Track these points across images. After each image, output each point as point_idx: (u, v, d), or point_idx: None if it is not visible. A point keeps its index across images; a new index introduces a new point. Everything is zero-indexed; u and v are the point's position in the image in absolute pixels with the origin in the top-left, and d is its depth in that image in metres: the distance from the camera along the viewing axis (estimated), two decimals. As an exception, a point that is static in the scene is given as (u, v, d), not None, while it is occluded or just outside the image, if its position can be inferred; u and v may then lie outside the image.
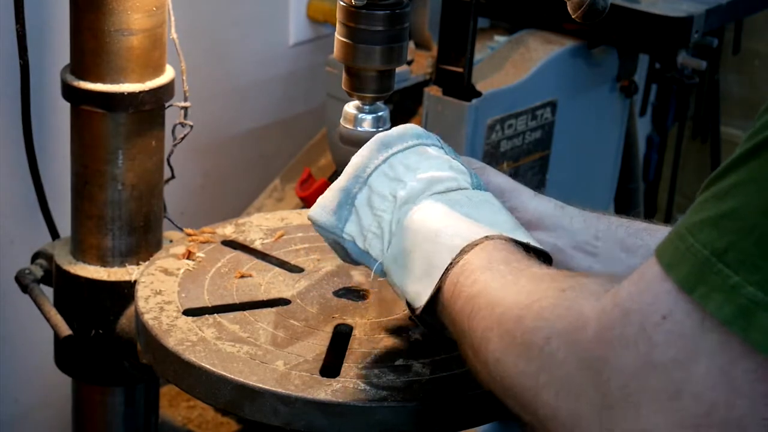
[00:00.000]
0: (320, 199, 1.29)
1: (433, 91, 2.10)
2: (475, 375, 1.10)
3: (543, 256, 1.18)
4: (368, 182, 1.25)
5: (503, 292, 1.06)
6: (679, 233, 0.89)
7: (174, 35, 1.67)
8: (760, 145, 0.86)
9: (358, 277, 1.51)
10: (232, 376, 1.28)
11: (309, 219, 1.30)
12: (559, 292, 0.99)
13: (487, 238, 1.15)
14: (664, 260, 0.89)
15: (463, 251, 1.14)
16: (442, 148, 1.29)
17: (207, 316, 1.40)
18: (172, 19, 1.66)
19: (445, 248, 1.15)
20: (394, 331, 1.40)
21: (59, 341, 1.68)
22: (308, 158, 2.34)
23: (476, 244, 1.14)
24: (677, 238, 0.89)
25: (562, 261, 1.31)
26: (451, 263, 1.14)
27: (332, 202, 1.27)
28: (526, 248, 1.16)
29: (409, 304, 1.21)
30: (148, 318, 1.39)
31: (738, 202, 0.86)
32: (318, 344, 1.36)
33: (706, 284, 0.85)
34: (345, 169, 1.28)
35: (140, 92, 1.62)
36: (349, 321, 1.41)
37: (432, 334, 1.23)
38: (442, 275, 1.14)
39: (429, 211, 1.20)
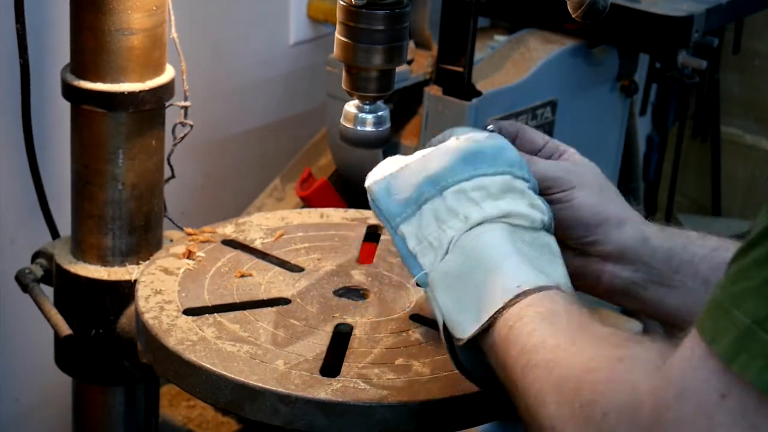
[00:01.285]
0: (389, 177, 1.23)
1: (433, 91, 2.10)
2: (523, 422, 1.09)
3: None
4: (444, 194, 1.20)
5: (561, 352, 1.04)
6: (721, 305, 0.89)
7: (174, 35, 1.67)
8: None
9: (358, 276, 1.51)
10: (233, 376, 1.28)
11: (367, 188, 1.24)
12: (615, 362, 0.98)
13: (544, 288, 1.13)
14: (707, 335, 0.89)
15: (519, 296, 1.12)
16: (530, 181, 1.24)
17: (207, 315, 1.40)
18: (172, 18, 1.66)
19: (501, 288, 1.13)
20: (394, 330, 1.40)
21: (59, 341, 1.68)
22: (308, 158, 2.34)
23: (534, 292, 1.12)
24: (719, 310, 0.89)
25: (634, 292, 1.31)
26: (504, 306, 1.12)
27: (402, 193, 1.22)
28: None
29: (446, 328, 1.18)
30: (148, 317, 1.39)
31: None
32: (318, 344, 1.36)
33: (747, 352, 0.85)
34: (421, 160, 1.23)
35: (140, 92, 1.62)
36: (349, 320, 1.41)
37: (456, 365, 1.21)
38: (495, 314, 1.12)
39: (494, 240, 1.17)
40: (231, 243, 1.58)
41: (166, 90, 1.65)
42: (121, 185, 1.66)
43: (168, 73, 1.66)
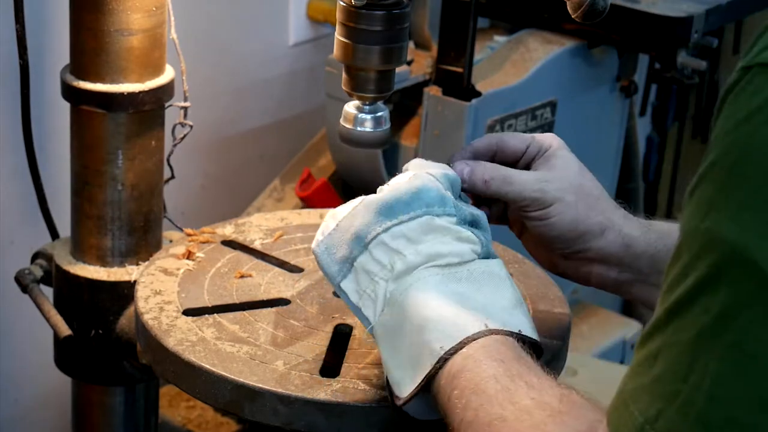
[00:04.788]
0: (327, 238, 1.25)
1: (433, 91, 2.10)
2: None
3: (534, 347, 1.17)
4: (369, 248, 1.21)
5: (492, 428, 1.05)
6: (623, 398, 0.91)
7: (174, 35, 1.67)
8: (676, 306, 0.87)
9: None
10: (232, 376, 1.28)
11: (313, 251, 1.26)
12: None
13: (472, 338, 1.12)
14: (611, 427, 0.92)
15: (447, 355, 1.12)
16: (455, 215, 1.22)
17: (207, 316, 1.40)
18: (172, 19, 1.66)
19: (428, 350, 1.13)
20: (394, 331, 1.40)
21: (59, 341, 1.68)
22: (308, 158, 2.34)
23: (460, 348, 1.12)
24: (621, 403, 0.91)
25: (624, 289, 1.34)
26: (431, 371, 1.12)
27: (337, 253, 1.23)
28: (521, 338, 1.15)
29: (388, 385, 1.19)
30: (148, 318, 1.39)
31: (663, 367, 0.87)
32: (318, 344, 1.36)
33: None
34: (351, 218, 1.24)
35: (140, 92, 1.62)
36: (349, 321, 1.41)
37: (404, 421, 1.21)
38: (424, 380, 1.13)
39: (423, 294, 1.16)
40: (231, 243, 1.58)
41: (166, 90, 1.65)
42: (120, 186, 1.66)
43: (168, 74, 1.66)
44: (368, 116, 1.38)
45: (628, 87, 2.43)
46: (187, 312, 1.41)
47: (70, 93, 1.64)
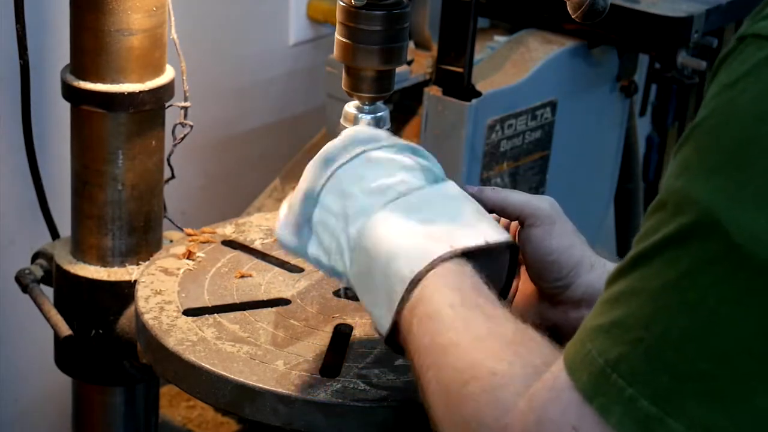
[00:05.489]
0: (283, 219, 1.26)
1: (433, 91, 2.10)
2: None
3: (511, 248, 1.19)
4: (319, 201, 1.22)
5: (446, 356, 1.06)
6: (581, 336, 0.92)
7: (174, 35, 1.67)
8: (644, 253, 0.89)
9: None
10: (232, 376, 1.28)
11: (276, 238, 1.27)
12: (491, 376, 1.00)
13: (440, 259, 1.13)
14: (568, 364, 0.92)
15: (415, 282, 1.12)
16: (393, 146, 1.23)
17: (207, 316, 1.40)
18: (172, 19, 1.66)
19: (399, 278, 1.14)
20: (394, 331, 1.40)
21: (59, 341, 1.68)
22: (308, 158, 2.30)
23: (429, 270, 1.12)
24: (579, 341, 0.92)
25: None
26: (403, 297, 1.13)
27: (293, 224, 1.24)
28: (488, 250, 1.16)
29: (376, 328, 1.20)
30: (148, 318, 1.39)
31: (624, 312, 0.89)
32: (318, 344, 1.36)
33: (604, 395, 0.88)
34: (298, 186, 1.25)
35: (140, 92, 1.62)
36: (349, 321, 1.41)
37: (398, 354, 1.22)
38: (398, 308, 1.13)
39: (382, 229, 1.17)
40: (231, 243, 1.59)
41: (166, 90, 1.65)
42: (120, 185, 1.66)
43: (168, 74, 1.66)
44: (368, 116, 1.39)
45: (628, 87, 2.43)
46: (188, 312, 1.41)
47: (70, 93, 1.64)
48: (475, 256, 1.16)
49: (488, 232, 1.17)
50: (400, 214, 1.17)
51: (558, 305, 1.30)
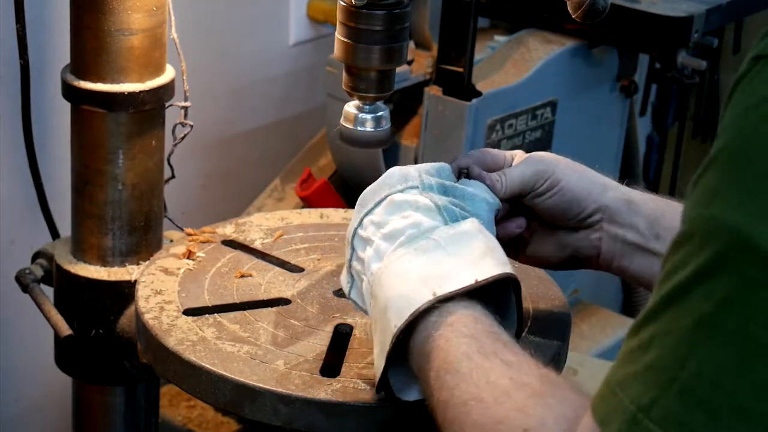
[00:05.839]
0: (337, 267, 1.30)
1: (433, 91, 2.10)
2: None
3: (513, 283, 1.19)
4: (353, 247, 1.25)
5: (471, 414, 1.03)
6: (611, 387, 0.89)
7: (174, 35, 1.67)
8: (673, 294, 0.85)
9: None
10: (233, 376, 1.28)
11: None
12: (522, 419, 0.98)
13: (418, 311, 1.12)
14: (597, 416, 0.89)
15: (399, 335, 1.13)
16: (418, 187, 1.23)
17: (207, 315, 1.40)
18: (172, 19, 1.66)
19: (389, 331, 1.14)
20: (395, 330, 1.40)
21: (59, 341, 1.68)
22: (308, 158, 2.34)
23: (412, 323, 1.12)
24: (609, 392, 0.89)
25: (627, 255, 1.32)
26: (390, 351, 1.13)
27: (345, 268, 1.27)
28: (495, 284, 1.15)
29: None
30: (148, 318, 1.39)
31: (657, 354, 0.85)
32: (318, 344, 1.36)
33: None
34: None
35: (140, 92, 1.62)
36: (349, 321, 1.41)
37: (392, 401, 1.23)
38: (386, 365, 1.15)
39: (388, 276, 1.18)
40: (231, 243, 1.58)
41: (166, 90, 1.65)
42: (121, 185, 1.66)
43: (168, 74, 1.66)
44: (369, 116, 1.38)
45: (628, 87, 2.43)
46: (188, 312, 1.41)
47: (70, 93, 1.64)
48: (481, 293, 1.15)
49: (491, 266, 1.16)
50: (408, 261, 1.17)
51: (578, 230, 1.33)
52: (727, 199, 0.82)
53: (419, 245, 1.18)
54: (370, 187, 1.26)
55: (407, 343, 1.15)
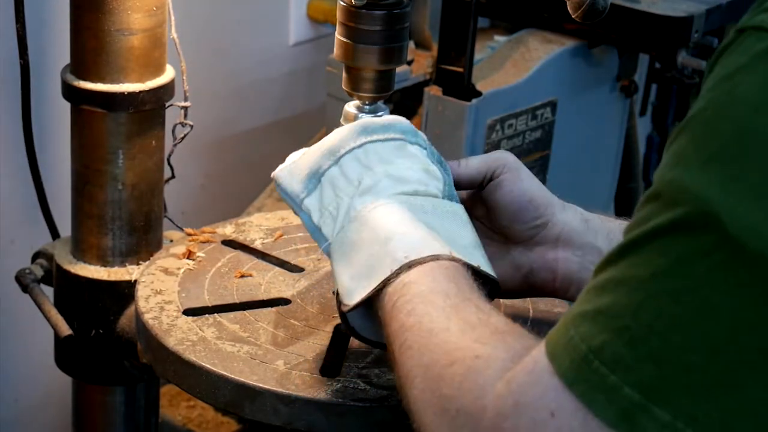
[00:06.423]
0: (292, 164, 1.28)
1: (433, 91, 2.10)
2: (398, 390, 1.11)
3: (491, 284, 1.19)
4: (340, 162, 1.24)
5: (432, 337, 1.05)
6: (566, 324, 0.90)
7: (174, 35, 1.67)
8: (633, 242, 0.88)
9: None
10: (233, 376, 1.28)
11: (273, 177, 1.29)
12: (473, 359, 0.99)
13: (436, 257, 1.14)
14: (549, 349, 0.91)
15: (406, 266, 1.13)
16: (426, 149, 1.27)
17: (207, 315, 1.40)
18: (172, 19, 1.66)
19: (390, 258, 1.14)
20: (395, 330, 1.40)
21: (59, 341, 1.68)
22: (308, 158, 2.34)
23: (422, 263, 1.13)
24: (563, 328, 0.90)
25: (587, 279, 1.31)
26: (389, 277, 1.13)
27: (303, 171, 1.26)
28: (476, 273, 1.16)
29: (338, 295, 1.20)
30: (148, 318, 1.39)
31: (611, 299, 0.87)
32: (318, 344, 1.36)
33: (586, 382, 0.87)
34: (322, 141, 1.27)
35: (140, 92, 1.62)
36: (349, 321, 1.41)
37: (350, 333, 1.23)
38: (379, 285, 1.14)
39: (388, 212, 1.19)
40: (231, 243, 1.59)
41: (166, 90, 1.65)
42: (121, 185, 1.66)
43: (168, 74, 1.66)
44: (368, 116, 1.38)
45: (629, 87, 2.43)
46: (188, 312, 1.41)
47: (70, 93, 1.64)
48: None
49: (482, 261, 1.19)
50: (410, 211, 1.19)
51: (534, 247, 1.32)
52: (692, 165, 0.85)
53: (422, 205, 1.20)
54: (375, 119, 1.28)
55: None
